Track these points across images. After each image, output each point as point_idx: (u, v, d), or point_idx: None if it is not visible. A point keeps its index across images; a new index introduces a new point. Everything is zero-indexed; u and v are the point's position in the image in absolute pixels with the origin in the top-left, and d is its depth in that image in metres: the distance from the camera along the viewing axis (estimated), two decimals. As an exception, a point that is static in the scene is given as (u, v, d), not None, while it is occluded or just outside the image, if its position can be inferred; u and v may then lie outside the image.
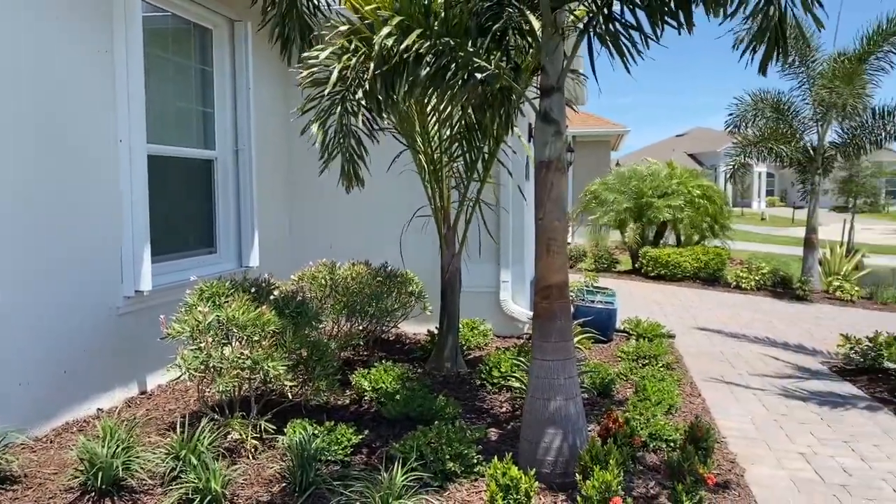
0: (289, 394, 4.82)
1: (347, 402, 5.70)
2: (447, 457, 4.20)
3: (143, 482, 4.05)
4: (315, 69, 4.28)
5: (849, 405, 6.42)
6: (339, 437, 4.53)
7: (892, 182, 50.30)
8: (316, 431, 4.56)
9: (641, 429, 4.92)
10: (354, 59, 4.14)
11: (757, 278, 14.07)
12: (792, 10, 3.71)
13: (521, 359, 6.18)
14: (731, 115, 14.44)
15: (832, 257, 15.21)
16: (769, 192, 56.32)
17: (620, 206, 15.11)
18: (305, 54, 4.38)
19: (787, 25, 3.77)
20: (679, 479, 3.89)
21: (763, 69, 3.82)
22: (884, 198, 47.29)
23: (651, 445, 4.84)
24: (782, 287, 14.02)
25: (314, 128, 4.19)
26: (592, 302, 8.54)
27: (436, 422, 4.69)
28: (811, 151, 14.10)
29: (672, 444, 4.78)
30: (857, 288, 13.82)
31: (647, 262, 14.61)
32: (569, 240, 20.92)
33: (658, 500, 4.06)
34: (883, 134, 13.38)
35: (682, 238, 16.97)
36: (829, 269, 14.87)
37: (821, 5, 3.62)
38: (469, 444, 4.37)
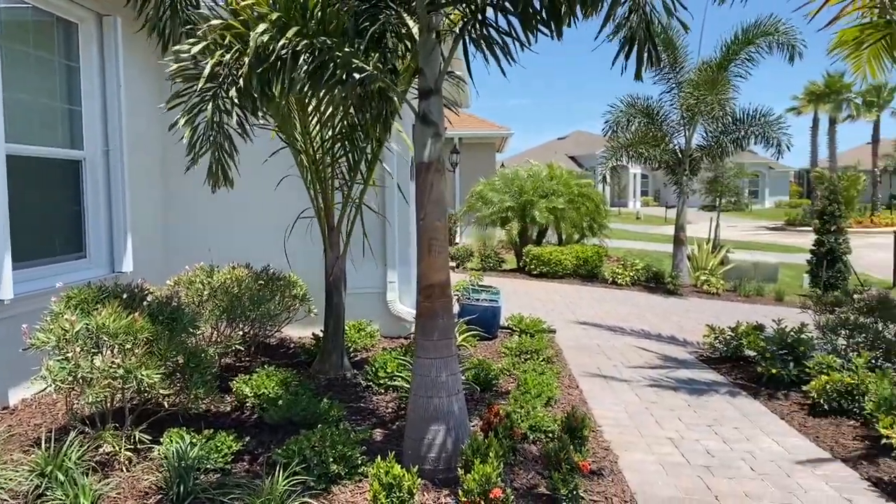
0: (165, 403, 4.65)
1: (229, 409, 5.56)
2: (331, 459, 4.18)
3: (5, 503, 3.80)
4: (186, 64, 4.15)
5: (713, 391, 6.87)
6: (218, 444, 4.41)
7: (753, 182, 54.20)
8: (194, 440, 4.42)
9: (522, 421, 5.08)
10: (228, 56, 4.05)
11: (632, 274, 14.78)
12: (658, 18, 3.96)
13: (407, 358, 6.23)
14: (607, 121, 15.13)
15: (700, 253, 16.20)
16: (644, 193, 59.17)
17: (504, 206, 15.48)
18: (176, 47, 4.24)
19: (654, 33, 4.01)
20: (556, 468, 4.05)
21: (638, 74, 4.02)
22: (746, 197, 50.90)
23: (531, 437, 5.00)
24: (655, 282, 14.80)
25: (181, 123, 4.07)
26: (477, 300, 8.71)
27: (319, 425, 4.66)
28: (679, 154, 14.98)
29: (550, 435, 4.97)
30: (722, 282, 14.80)
31: (530, 260, 15.04)
32: (457, 240, 21.23)
33: (537, 489, 4.20)
34: (743, 135, 14.39)
35: (564, 237, 17.61)
36: (697, 265, 15.84)
37: (684, 7, 3.87)
38: (353, 446, 4.36)
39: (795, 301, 13.38)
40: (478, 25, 4.18)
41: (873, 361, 7.33)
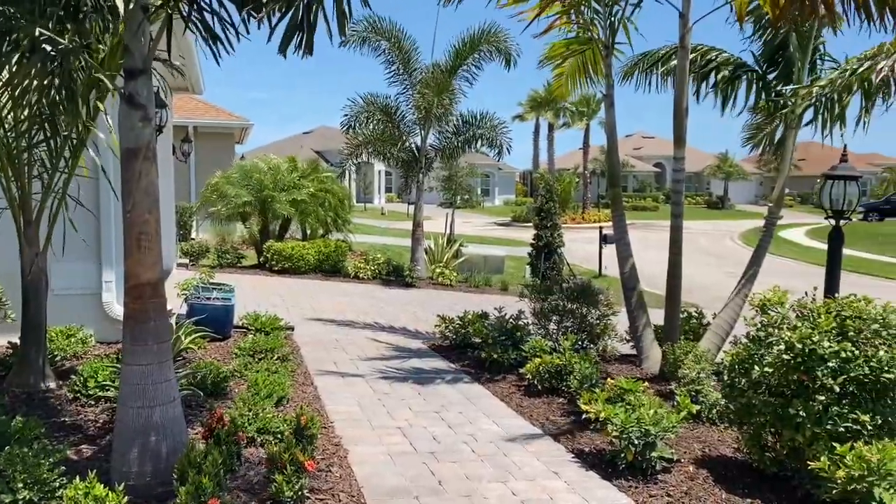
0: None
1: None
2: (20, 484, 3.65)
3: None
4: None
5: (442, 379, 7.18)
6: None
7: (486, 182, 58.26)
8: None
9: (250, 424, 4.87)
10: None
11: (373, 268, 15.05)
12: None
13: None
14: (346, 116, 15.20)
15: (436, 248, 16.98)
16: (388, 189, 60.80)
17: (242, 200, 14.88)
18: None
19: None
20: (280, 471, 3.92)
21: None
22: (479, 195, 54.41)
23: (259, 440, 4.81)
24: (396, 275, 15.20)
25: None
26: (209, 299, 8.24)
27: (8, 447, 4.05)
28: (416, 152, 15.53)
29: (279, 436, 4.81)
30: (455, 274, 15.64)
31: (271, 256, 14.63)
32: (193, 235, 20.04)
33: (263, 494, 4.04)
34: (471, 136, 15.32)
35: (309, 232, 17.45)
36: (434, 259, 16.58)
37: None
38: (51, 466, 3.85)
39: (517, 290, 14.58)
40: (188, 4, 3.90)
41: (579, 343, 8.20)
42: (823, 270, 6.44)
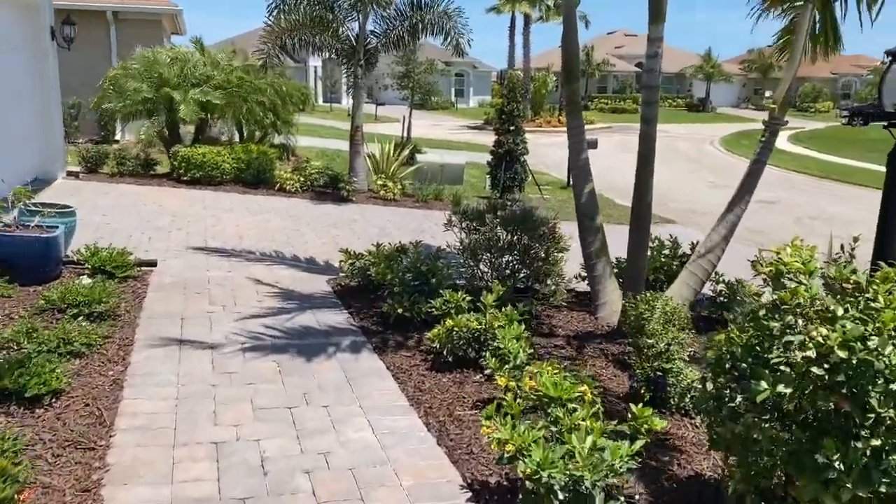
0: None
1: None
2: None
3: None
4: None
5: (326, 344, 5.27)
6: None
7: (460, 82, 55.03)
8: None
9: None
10: None
11: (303, 179, 12.92)
12: None
13: None
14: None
15: (381, 156, 14.79)
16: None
17: (139, 97, 12.43)
18: None
19: None
20: None
21: None
22: (452, 96, 51.54)
23: (-62, 494, 2.92)
24: (332, 187, 13.08)
25: None
26: (28, 227, 6.19)
27: None
28: (353, 42, 13.10)
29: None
30: (400, 186, 13.55)
31: (179, 163, 12.38)
32: (117, 136, 17.67)
33: None
34: (420, 25, 12.88)
35: (245, 134, 15.19)
36: (378, 167, 14.43)
37: None
38: None
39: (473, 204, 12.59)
40: None
41: (524, 282, 6.36)
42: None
